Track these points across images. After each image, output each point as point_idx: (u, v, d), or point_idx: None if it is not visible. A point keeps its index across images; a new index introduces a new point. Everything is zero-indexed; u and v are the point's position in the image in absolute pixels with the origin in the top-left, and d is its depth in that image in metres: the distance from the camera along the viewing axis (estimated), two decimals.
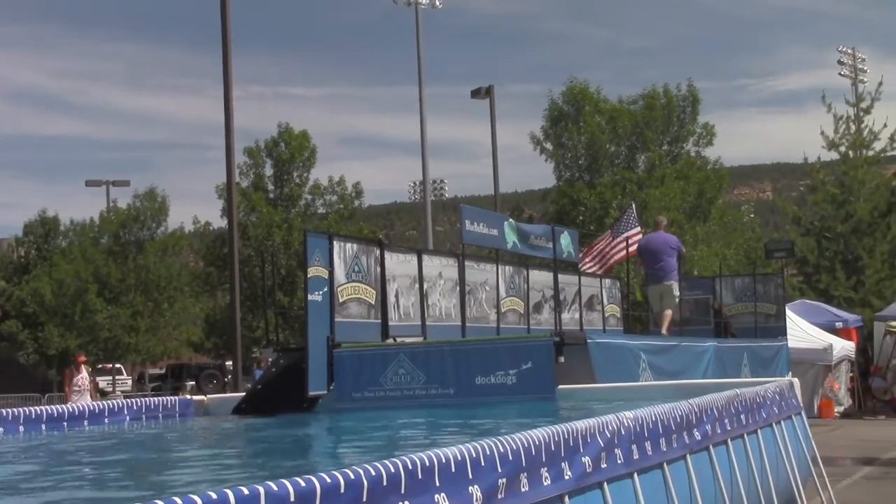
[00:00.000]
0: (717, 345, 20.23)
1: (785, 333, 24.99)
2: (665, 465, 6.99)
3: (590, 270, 23.03)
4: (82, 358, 30.03)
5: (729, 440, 8.63)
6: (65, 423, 10.79)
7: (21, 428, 10.18)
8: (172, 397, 14.34)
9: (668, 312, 20.64)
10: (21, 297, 63.04)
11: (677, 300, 20.86)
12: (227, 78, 29.26)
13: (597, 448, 5.94)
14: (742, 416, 9.18)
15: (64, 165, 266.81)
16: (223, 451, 9.20)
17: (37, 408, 11.09)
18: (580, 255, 22.44)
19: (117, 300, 57.25)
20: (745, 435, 9.20)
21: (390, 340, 14.56)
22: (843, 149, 45.38)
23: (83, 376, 27.21)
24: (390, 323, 15.03)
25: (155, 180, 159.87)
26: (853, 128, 45.53)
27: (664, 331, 20.24)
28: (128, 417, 11.79)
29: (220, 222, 56.52)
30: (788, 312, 27.39)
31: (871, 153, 45.53)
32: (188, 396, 14.42)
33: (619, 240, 23.50)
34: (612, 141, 51.87)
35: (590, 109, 51.55)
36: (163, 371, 63.99)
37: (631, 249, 23.11)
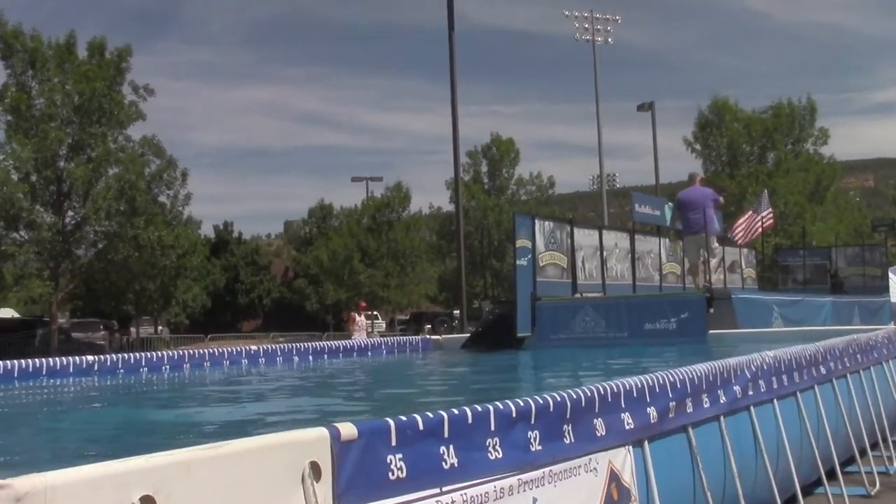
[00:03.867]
0: (834, 300, 19.34)
1: (888, 291, 23.76)
2: (798, 393, 6.69)
3: (737, 240, 22.43)
4: (363, 304, 30.57)
5: (847, 374, 8.20)
6: (340, 355, 11.02)
7: (310, 358, 10.46)
8: (416, 336, 14.52)
9: (713, 262, 16.43)
10: (306, 262, 65.02)
11: (716, 250, 16.97)
12: (454, 100, 29.51)
13: (745, 379, 5.73)
14: (858, 356, 8.71)
15: (336, 166, 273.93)
16: (455, 378, 9.24)
17: (321, 343, 11.38)
18: (732, 228, 21.96)
19: (374, 264, 58.40)
20: (861, 370, 8.73)
21: (578, 295, 14.45)
22: None
23: (362, 319, 27.51)
24: (578, 282, 14.92)
25: (400, 176, 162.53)
26: None
27: (703, 282, 15.79)
28: (384, 352, 11.99)
29: (448, 207, 57.18)
30: (890, 274, 25.98)
31: None
32: (427, 336, 14.57)
33: (757, 218, 22.72)
34: (748, 142, 50.74)
35: (730, 118, 50.63)
36: (408, 317, 64.98)
37: (766, 224, 22.40)
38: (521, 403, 3.65)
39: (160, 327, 58.32)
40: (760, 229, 22.74)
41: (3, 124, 34.38)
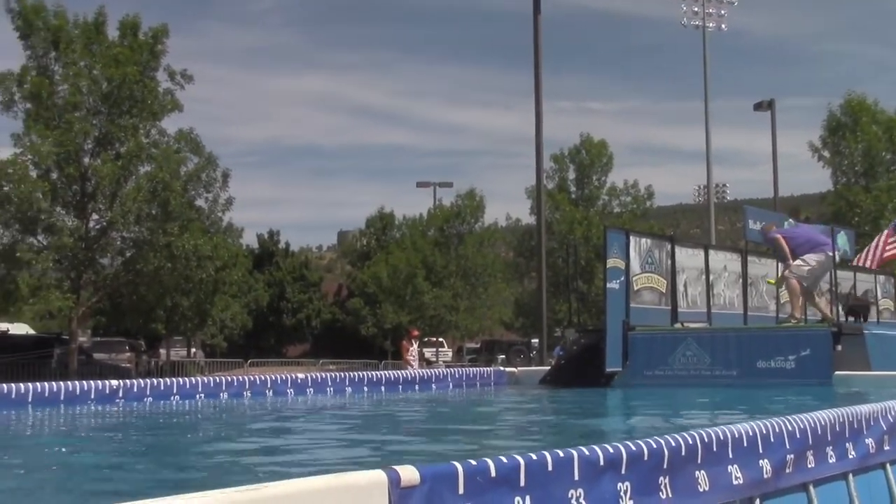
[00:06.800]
0: None
1: None
2: None
3: (865, 265, 21.98)
4: (416, 332, 30.97)
5: None
6: (399, 387, 11.07)
7: (365, 389, 10.53)
8: (488, 368, 14.54)
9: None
10: (363, 279, 65.37)
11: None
12: (538, 95, 29.55)
13: (879, 431, 5.62)
14: None
15: (398, 170, 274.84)
16: (532, 417, 9.22)
17: (378, 372, 11.46)
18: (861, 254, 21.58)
19: (441, 284, 58.50)
20: None
21: (678, 325, 14.35)
22: None
23: (415, 347, 28.05)
24: (679, 309, 14.82)
25: (473, 182, 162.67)
26: None
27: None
28: (451, 384, 12.02)
29: (528, 219, 57.07)
30: None
31: None
32: (501, 368, 14.58)
33: (892, 238, 22.30)
34: (889, 148, 49.64)
35: (867, 120, 49.46)
36: (478, 345, 64.92)
37: None
38: (611, 450, 3.64)
39: (194, 350, 59.10)
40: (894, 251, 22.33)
41: (21, 113, 35.14)
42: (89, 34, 36.03)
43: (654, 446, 3.85)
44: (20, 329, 43.10)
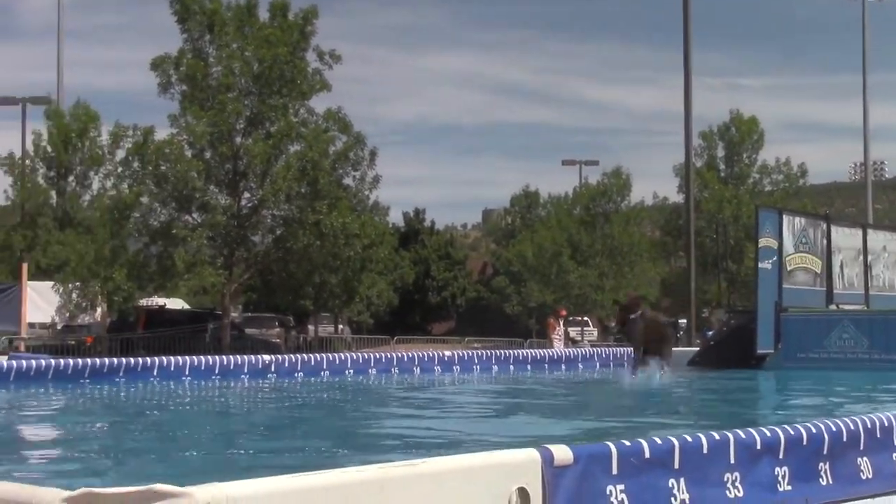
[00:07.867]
0: None
1: None
2: None
3: None
4: (564, 312, 30.87)
5: None
6: (546, 366, 11.07)
7: (511, 367, 10.56)
8: None
9: None
10: (508, 257, 65.62)
11: None
12: (687, 70, 29.13)
13: None
14: None
15: (544, 148, 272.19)
16: (684, 398, 9.11)
17: (524, 351, 11.47)
18: None
19: (586, 263, 58.10)
20: None
21: (834, 307, 14.00)
22: None
23: (561, 327, 27.96)
24: (835, 291, 14.46)
25: (619, 160, 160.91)
26: None
27: None
28: (597, 364, 11.98)
29: (675, 197, 56.36)
30: None
31: None
32: None
33: None
34: None
35: None
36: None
37: None
38: (768, 433, 3.56)
39: (341, 326, 60.06)
40: None
41: (177, 95, 36.25)
42: (241, 17, 36.87)
43: (814, 431, 3.76)
44: (176, 304, 44.50)
